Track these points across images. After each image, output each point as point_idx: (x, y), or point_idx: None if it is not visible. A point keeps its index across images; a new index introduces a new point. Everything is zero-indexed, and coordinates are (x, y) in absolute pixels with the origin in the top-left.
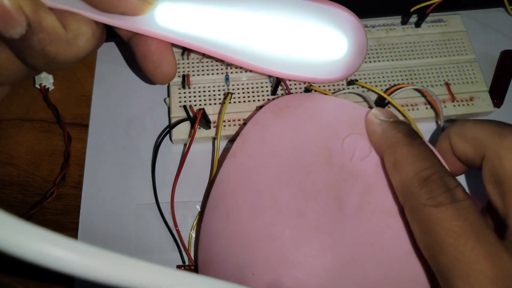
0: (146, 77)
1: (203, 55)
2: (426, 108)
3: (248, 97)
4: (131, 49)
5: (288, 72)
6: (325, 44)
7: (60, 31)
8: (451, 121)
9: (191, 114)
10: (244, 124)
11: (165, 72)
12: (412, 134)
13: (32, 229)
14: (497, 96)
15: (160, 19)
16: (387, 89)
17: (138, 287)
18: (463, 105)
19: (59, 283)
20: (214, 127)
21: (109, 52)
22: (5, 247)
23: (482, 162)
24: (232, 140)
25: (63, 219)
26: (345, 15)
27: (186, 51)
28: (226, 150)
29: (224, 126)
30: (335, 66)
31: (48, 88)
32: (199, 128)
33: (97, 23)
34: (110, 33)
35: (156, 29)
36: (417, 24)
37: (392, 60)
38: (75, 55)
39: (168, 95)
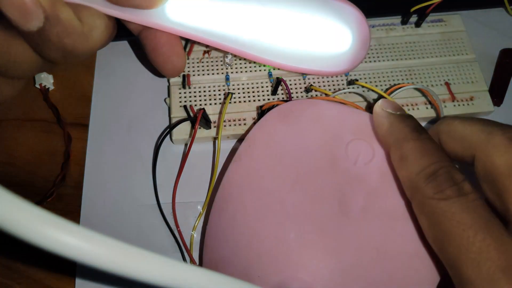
0: (155, 70)
1: (204, 54)
2: (427, 108)
3: (248, 97)
4: (140, 42)
5: (294, 64)
6: (330, 37)
7: (76, 23)
8: None
9: (191, 114)
10: (245, 124)
11: (175, 64)
12: (418, 129)
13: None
14: (497, 94)
15: (170, 13)
16: (387, 89)
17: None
18: (463, 105)
19: (59, 284)
20: (215, 127)
21: (109, 53)
22: (15, 230)
23: (473, 161)
24: (240, 139)
25: None
26: (349, 9)
27: (186, 50)
28: (234, 150)
29: (225, 126)
30: (340, 59)
31: (48, 88)
32: (200, 128)
33: (109, 17)
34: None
35: (166, 22)
36: (417, 24)
37: (392, 60)
38: (91, 48)
39: (169, 95)
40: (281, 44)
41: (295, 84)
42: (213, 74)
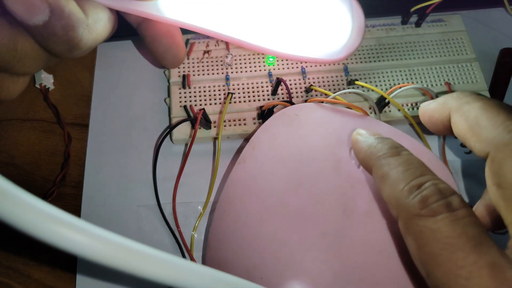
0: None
1: (204, 54)
2: None
3: (249, 97)
4: (140, 34)
5: (292, 52)
6: (326, 26)
7: (81, 16)
8: None
9: (191, 114)
10: (245, 124)
11: (175, 54)
12: (398, 146)
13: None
14: (497, 94)
15: (168, 4)
16: (387, 89)
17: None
18: None
19: (59, 283)
20: (215, 127)
21: (109, 52)
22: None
23: (483, 154)
24: (247, 138)
25: None
26: None
27: (186, 49)
28: (235, 150)
29: (225, 126)
30: (337, 47)
31: (48, 88)
32: (200, 128)
33: (111, 9)
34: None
35: (165, 13)
36: (417, 24)
37: (392, 60)
38: (95, 40)
39: (169, 95)
40: (279, 33)
41: (295, 84)
42: (213, 74)
